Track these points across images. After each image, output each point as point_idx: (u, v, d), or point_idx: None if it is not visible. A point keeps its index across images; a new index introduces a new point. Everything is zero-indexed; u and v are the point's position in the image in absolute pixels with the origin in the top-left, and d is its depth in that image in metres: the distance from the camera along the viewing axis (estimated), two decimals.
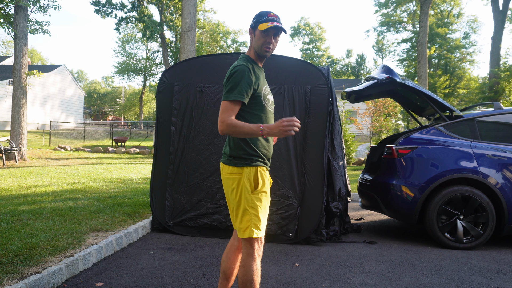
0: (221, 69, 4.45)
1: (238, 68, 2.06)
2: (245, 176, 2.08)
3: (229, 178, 2.12)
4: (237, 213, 2.11)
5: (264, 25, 2.09)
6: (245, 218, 2.07)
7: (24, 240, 3.48)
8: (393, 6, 33.88)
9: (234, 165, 2.10)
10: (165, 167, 4.54)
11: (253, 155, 2.10)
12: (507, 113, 4.47)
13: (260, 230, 2.08)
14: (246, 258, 2.09)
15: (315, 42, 56.45)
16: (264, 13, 2.14)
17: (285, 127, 1.94)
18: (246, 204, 2.07)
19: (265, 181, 2.13)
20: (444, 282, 3.16)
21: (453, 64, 37.00)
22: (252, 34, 2.18)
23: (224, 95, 2.06)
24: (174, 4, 27.42)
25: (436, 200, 4.15)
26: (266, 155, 2.18)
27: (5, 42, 51.85)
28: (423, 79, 16.52)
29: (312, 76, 4.28)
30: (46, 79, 26.25)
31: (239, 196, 2.09)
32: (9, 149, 10.45)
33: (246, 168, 2.09)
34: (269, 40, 2.12)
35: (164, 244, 4.04)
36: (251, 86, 2.06)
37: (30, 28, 11.50)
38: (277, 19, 2.12)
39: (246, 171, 2.08)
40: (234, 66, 2.10)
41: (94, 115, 58.76)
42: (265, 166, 2.16)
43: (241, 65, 2.08)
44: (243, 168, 2.09)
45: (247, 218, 2.07)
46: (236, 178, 2.09)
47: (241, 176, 2.08)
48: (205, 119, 4.47)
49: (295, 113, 4.26)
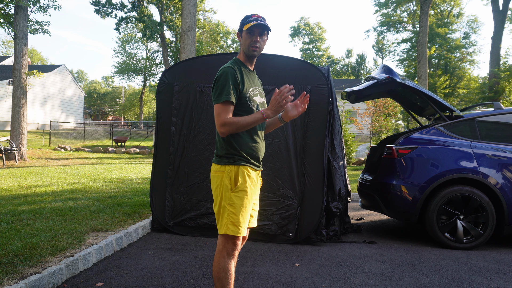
0: None
1: (224, 70, 2.11)
2: (226, 174, 2.11)
3: (214, 176, 2.17)
4: (218, 210, 2.14)
5: (248, 25, 2.15)
6: (224, 215, 2.10)
7: (24, 240, 3.47)
8: (393, 6, 33.89)
9: (218, 163, 2.15)
10: (165, 167, 4.54)
11: (236, 154, 2.13)
12: (507, 113, 4.47)
13: (237, 228, 2.07)
14: (216, 255, 2.12)
15: (315, 42, 56.45)
16: (249, 15, 2.21)
17: (277, 101, 2.03)
18: (225, 201, 2.10)
19: (246, 180, 2.12)
20: (444, 282, 3.16)
21: (453, 64, 37.00)
22: (239, 37, 2.24)
23: (215, 99, 2.09)
24: (174, 4, 27.42)
25: (436, 200, 4.15)
26: (252, 155, 2.17)
27: (5, 42, 51.91)
28: (423, 79, 16.52)
29: (312, 76, 4.28)
30: (46, 79, 26.26)
31: (220, 193, 2.12)
32: (9, 149, 10.45)
33: (228, 167, 2.12)
34: (255, 39, 2.17)
35: (164, 244, 4.04)
36: (237, 86, 2.10)
37: (30, 28, 11.50)
38: (260, 19, 2.18)
39: (227, 169, 2.12)
40: (220, 69, 2.14)
41: (94, 115, 58.76)
42: (250, 165, 2.16)
43: (226, 67, 2.13)
44: (225, 167, 2.12)
45: (225, 215, 2.09)
46: (219, 176, 2.14)
47: (223, 174, 2.12)
48: (205, 119, 4.47)
49: None
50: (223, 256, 2.09)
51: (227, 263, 2.09)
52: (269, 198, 4.23)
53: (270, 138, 4.29)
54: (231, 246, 2.10)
